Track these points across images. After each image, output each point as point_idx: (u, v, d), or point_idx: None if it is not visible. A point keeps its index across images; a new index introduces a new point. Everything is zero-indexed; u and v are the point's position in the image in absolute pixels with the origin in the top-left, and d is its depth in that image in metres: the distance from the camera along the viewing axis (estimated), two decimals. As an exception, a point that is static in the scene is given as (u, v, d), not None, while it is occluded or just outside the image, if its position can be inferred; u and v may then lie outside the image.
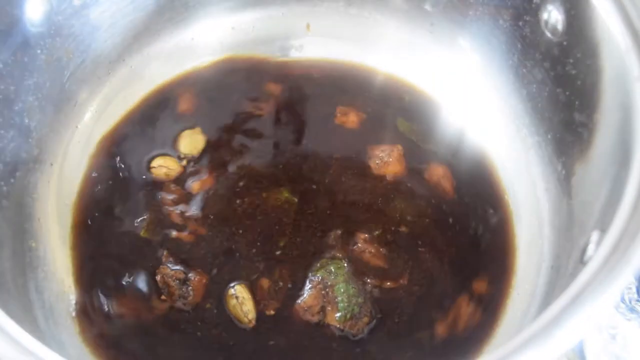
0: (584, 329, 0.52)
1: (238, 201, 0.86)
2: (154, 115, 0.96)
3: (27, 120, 0.83)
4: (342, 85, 0.99)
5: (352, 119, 0.94)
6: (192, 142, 0.92)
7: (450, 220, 0.87)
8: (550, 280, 0.76)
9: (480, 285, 0.82)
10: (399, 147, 0.91)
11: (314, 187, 0.88)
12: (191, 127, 0.94)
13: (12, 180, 0.80)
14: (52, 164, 0.88)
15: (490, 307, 0.80)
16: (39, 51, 0.84)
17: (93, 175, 0.90)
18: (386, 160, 0.90)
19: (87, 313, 0.80)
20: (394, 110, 0.97)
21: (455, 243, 0.85)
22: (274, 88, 0.99)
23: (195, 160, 0.91)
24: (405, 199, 0.88)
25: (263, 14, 1.03)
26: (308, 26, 1.03)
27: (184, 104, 0.97)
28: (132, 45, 0.96)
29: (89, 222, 0.86)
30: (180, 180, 0.89)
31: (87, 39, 0.90)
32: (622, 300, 0.79)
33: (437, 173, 0.90)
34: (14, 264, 0.76)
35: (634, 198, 0.60)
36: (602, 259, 0.56)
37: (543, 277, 0.79)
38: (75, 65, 0.90)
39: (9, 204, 0.79)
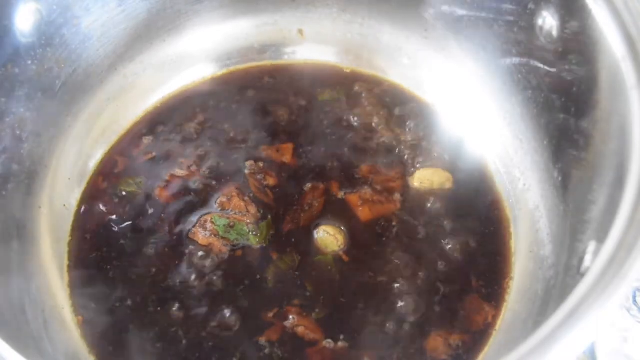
0: (581, 345, 0.51)
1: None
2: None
3: (18, 132, 0.83)
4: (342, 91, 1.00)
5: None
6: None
7: (445, 226, 0.86)
8: (547, 288, 0.76)
9: (476, 294, 0.82)
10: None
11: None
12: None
13: (3, 193, 0.80)
14: (44, 175, 0.87)
15: (487, 317, 0.80)
16: (29, 62, 0.83)
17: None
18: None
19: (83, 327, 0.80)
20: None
21: (450, 251, 0.84)
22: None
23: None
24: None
25: (256, 21, 1.02)
26: (301, 32, 1.03)
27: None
28: (124, 54, 0.96)
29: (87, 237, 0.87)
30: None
31: (78, 49, 0.90)
32: (634, 302, 0.79)
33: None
34: (6, 278, 0.76)
35: (631, 208, 0.59)
36: (599, 272, 0.55)
37: (541, 285, 0.78)
38: (67, 75, 0.89)
39: (0, 217, 0.79)
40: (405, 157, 0.93)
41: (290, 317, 0.79)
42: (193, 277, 0.82)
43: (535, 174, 0.87)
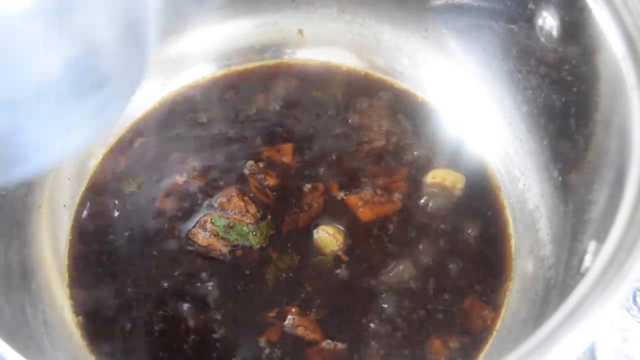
0: (581, 345, 0.51)
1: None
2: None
3: (18, 132, 0.82)
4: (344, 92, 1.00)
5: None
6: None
7: (444, 226, 0.86)
8: (547, 288, 0.76)
9: (476, 295, 0.82)
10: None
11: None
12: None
13: (3, 193, 0.79)
14: (44, 175, 0.87)
15: (487, 318, 0.80)
16: (29, 62, 0.83)
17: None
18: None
19: (83, 328, 0.80)
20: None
21: (449, 251, 0.84)
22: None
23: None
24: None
25: (256, 21, 1.02)
26: (301, 32, 1.03)
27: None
28: (124, 54, 0.96)
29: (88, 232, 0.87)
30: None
31: (78, 49, 0.89)
32: (634, 302, 0.79)
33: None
34: (6, 278, 0.76)
35: (631, 208, 0.59)
36: (599, 272, 0.55)
37: (541, 285, 0.78)
38: (66, 75, 0.89)
39: (0, 217, 0.79)
40: (405, 157, 0.92)
41: (290, 317, 0.79)
42: (193, 277, 0.82)
43: (535, 174, 0.87)
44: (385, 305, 0.80)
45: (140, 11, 0.44)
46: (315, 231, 0.85)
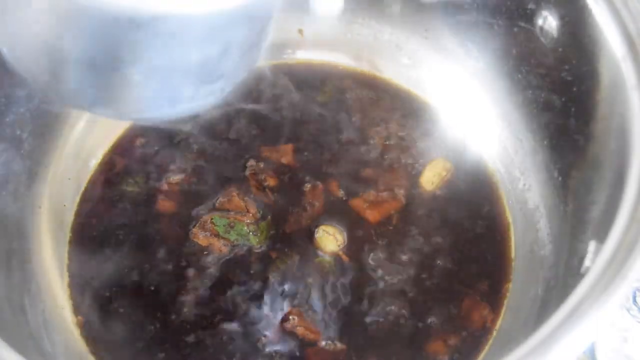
0: (581, 345, 0.51)
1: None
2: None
3: (18, 132, 0.82)
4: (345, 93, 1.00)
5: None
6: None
7: (445, 226, 0.86)
8: (547, 289, 0.76)
9: (476, 295, 0.82)
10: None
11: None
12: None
13: (3, 193, 0.80)
14: (44, 175, 0.87)
15: (487, 318, 0.80)
16: (30, 62, 0.83)
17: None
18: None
19: (83, 328, 0.80)
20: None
21: (450, 251, 0.84)
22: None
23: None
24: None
25: (256, 20, 1.02)
26: (301, 32, 1.03)
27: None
28: (124, 53, 0.96)
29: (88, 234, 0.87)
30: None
31: (79, 47, 0.89)
32: (634, 302, 0.79)
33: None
34: (6, 278, 0.76)
35: (631, 208, 0.59)
36: (599, 272, 0.55)
37: (541, 285, 0.78)
38: (67, 74, 0.89)
39: (1, 217, 0.79)
40: (405, 157, 0.92)
41: (290, 317, 0.79)
42: (193, 277, 0.82)
43: (535, 174, 0.87)
44: (385, 305, 0.80)
45: (264, 29, 0.53)
46: (315, 231, 0.85)
